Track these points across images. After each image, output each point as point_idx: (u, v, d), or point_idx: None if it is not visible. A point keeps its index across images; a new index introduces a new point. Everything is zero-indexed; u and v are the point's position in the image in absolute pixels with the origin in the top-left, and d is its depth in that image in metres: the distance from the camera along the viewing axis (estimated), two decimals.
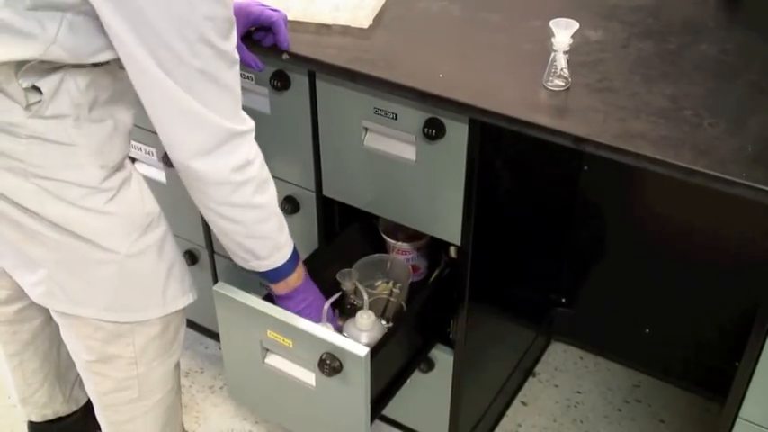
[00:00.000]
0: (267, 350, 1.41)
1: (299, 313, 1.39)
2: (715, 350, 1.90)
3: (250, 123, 1.22)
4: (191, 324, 2.18)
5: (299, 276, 1.41)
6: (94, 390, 1.46)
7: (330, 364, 1.30)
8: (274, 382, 1.43)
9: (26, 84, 1.09)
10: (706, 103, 1.25)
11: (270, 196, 1.28)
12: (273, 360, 1.41)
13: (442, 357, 1.64)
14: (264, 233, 1.30)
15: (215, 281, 1.95)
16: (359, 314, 1.50)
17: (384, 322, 1.56)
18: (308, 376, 1.37)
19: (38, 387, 1.71)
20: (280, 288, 1.40)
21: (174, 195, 1.85)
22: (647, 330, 2.00)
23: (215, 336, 2.13)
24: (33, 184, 1.16)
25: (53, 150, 1.15)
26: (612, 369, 2.10)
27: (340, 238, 1.68)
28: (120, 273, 1.28)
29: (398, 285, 1.62)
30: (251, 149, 1.22)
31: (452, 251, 1.63)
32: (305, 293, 1.43)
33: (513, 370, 1.96)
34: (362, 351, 1.29)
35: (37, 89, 1.10)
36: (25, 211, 1.19)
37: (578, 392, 2.04)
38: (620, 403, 2.01)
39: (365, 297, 1.52)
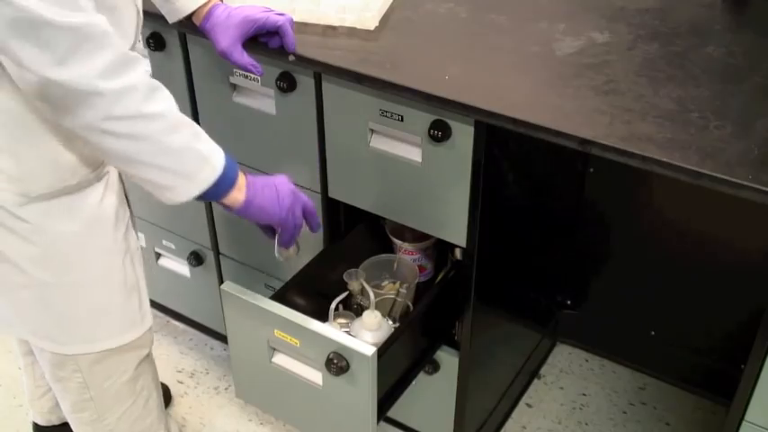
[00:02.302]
0: (274, 349, 1.41)
1: (263, 210, 1.25)
2: (721, 353, 1.90)
3: (98, 16, 1.02)
4: (196, 325, 2.19)
5: (243, 185, 1.22)
6: (62, 407, 1.45)
7: (337, 363, 1.30)
8: (281, 381, 1.43)
9: None
10: (712, 106, 1.25)
11: (168, 104, 1.10)
12: (280, 359, 1.41)
13: (448, 359, 1.64)
14: (178, 144, 1.11)
15: (221, 282, 1.96)
16: (365, 314, 1.50)
17: (390, 322, 1.56)
18: (315, 376, 1.37)
19: (45, 391, 1.71)
20: (234, 200, 1.22)
21: None
22: (653, 333, 1.99)
23: (220, 337, 2.13)
24: None
25: None
26: (618, 371, 2.10)
27: (346, 238, 1.68)
28: (41, 300, 1.24)
29: (405, 285, 1.63)
30: (119, 50, 1.03)
31: (458, 253, 1.63)
32: (259, 194, 1.25)
33: (519, 372, 1.96)
34: (369, 350, 1.29)
35: None
36: None
37: (583, 395, 2.04)
38: (625, 406, 2.00)
39: (372, 297, 1.52)
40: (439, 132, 1.34)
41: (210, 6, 1.38)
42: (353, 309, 1.60)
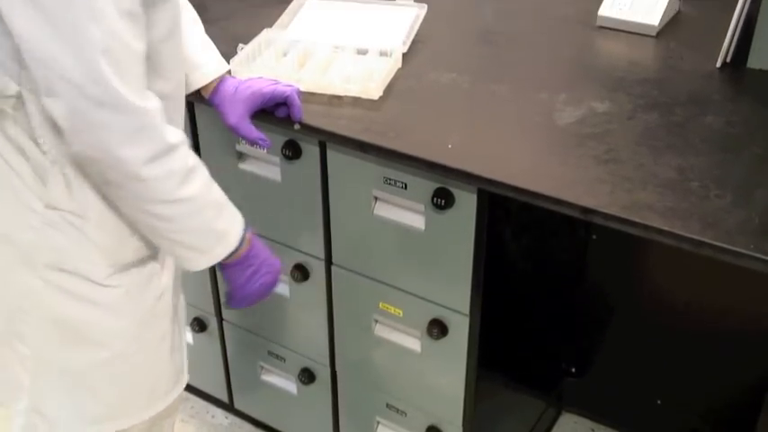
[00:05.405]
0: (377, 321, 1.58)
1: (249, 281, 1.30)
2: (727, 421, 1.87)
3: (155, 102, 1.07)
4: (197, 392, 2.17)
5: (246, 243, 1.27)
6: None
7: (437, 329, 1.47)
8: (383, 352, 1.58)
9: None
10: (712, 175, 1.26)
11: (199, 186, 1.14)
12: (382, 331, 1.57)
13: (452, 429, 1.62)
14: (199, 226, 1.17)
15: (223, 348, 1.95)
16: None
17: None
18: (415, 343, 1.56)
19: None
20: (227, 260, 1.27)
21: None
22: (659, 401, 1.97)
23: (222, 404, 2.11)
24: (40, 278, 1.15)
25: (65, 239, 1.14)
26: None
27: None
28: (112, 375, 1.24)
29: None
30: (168, 136, 1.08)
31: None
32: (254, 258, 1.30)
33: None
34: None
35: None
36: (22, 321, 1.18)
37: None
38: None
39: None
40: (442, 200, 1.36)
41: (218, 81, 1.40)
42: None
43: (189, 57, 1.35)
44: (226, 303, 1.36)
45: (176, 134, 1.10)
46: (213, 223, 1.19)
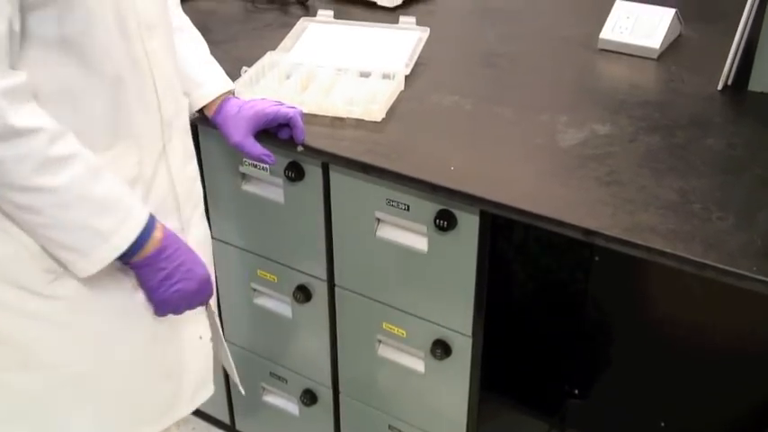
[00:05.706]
0: (380, 342, 1.57)
1: (161, 285, 1.18)
2: None
3: (16, 78, 1.00)
4: (199, 413, 2.16)
5: (153, 244, 1.15)
6: None
7: (441, 349, 1.46)
8: (386, 372, 1.58)
9: None
10: (714, 197, 1.26)
11: (69, 178, 1.04)
12: (386, 351, 1.58)
13: None
14: (72, 221, 1.07)
15: (224, 371, 1.94)
16: None
17: None
18: (418, 363, 1.55)
19: None
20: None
21: None
22: (663, 424, 1.96)
23: (223, 426, 2.11)
24: None
25: None
26: None
27: None
28: (75, 397, 1.19)
29: None
30: (13, 119, 0.99)
31: None
32: (166, 261, 1.18)
33: None
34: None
35: None
36: None
37: None
38: None
39: None
40: (444, 222, 1.36)
41: (222, 100, 1.41)
42: None
43: (189, 76, 1.36)
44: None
45: (30, 119, 1.00)
46: (91, 221, 1.07)
